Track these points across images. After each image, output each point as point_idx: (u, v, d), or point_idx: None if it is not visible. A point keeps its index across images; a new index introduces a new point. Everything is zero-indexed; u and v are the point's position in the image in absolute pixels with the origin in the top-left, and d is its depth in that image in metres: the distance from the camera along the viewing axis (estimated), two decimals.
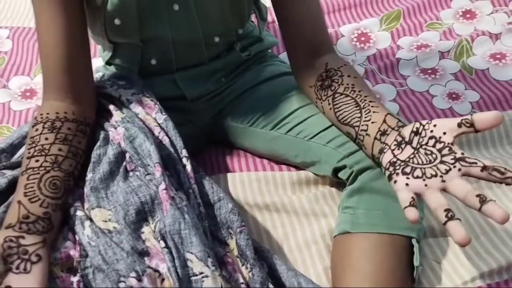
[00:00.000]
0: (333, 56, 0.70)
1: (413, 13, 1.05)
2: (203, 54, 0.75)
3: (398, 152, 0.53)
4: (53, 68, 0.64)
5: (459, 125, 0.50)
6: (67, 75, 0.64)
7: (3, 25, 1.10)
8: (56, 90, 0.64)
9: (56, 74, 0.64)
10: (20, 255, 0.50)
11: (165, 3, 0.65)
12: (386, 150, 0.55)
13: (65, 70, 0.64)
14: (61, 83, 0.64)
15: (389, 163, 0.53)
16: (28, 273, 0.50)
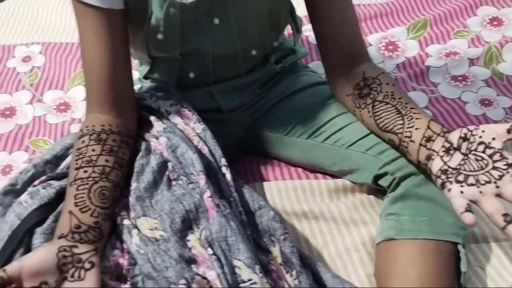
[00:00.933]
0: (370, 65, 0.71)
1: (440, 21, 1.06)
2: (239, 67, 0.76)
3: (447, 158, 0.53)
4: (97, 83, 0.65)
5: (508, 131, 0.50)
6: (111, 89, 0.66)
7: (35, 41, 1.13)
8: (100, 104, 0.66)
9: (100, 89, 0.66)
10: (74, 263, 0.51)
11: (206, 17, 0.67)
12: (434, 157, 0.55)
13: (109, 85, 0.65)
14: (105, 97, 0.66)
15: (440, 171, 0.53)
16: (83, 280, 0.51)
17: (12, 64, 1.07)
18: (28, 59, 1.08)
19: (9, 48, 1.11)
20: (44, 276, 0.49)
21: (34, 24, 1.18)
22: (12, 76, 1.03)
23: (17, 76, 1.03)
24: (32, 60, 1.07)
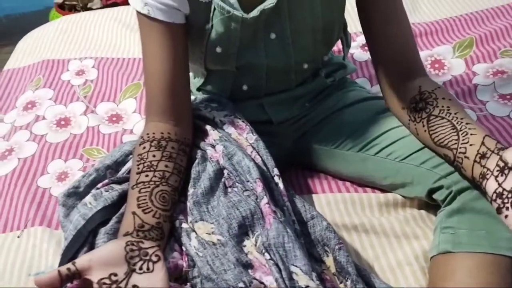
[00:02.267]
0: (426, 79, 0.71)
1: (486, 41, 1.06)
2: (291, 80, 0.78)
3: (502, 179, 0.53)
4: (159, 94, 0.68)
5: None
6: (171, 100, 0.68)
7: (88, 56, 1.17)
8: (160, 113, 0.68)
9: (161, 99, 0.68)
10: (141, 256, 0.53)
11: (263, 31, 0.69)
12: (488, 176, 0.55)
13: (169, 96, 0.68)
14: (165, 107, 0.68)
15: (496, 194, 0.53)
16: (152, 272, 0.52)
17: (67, 77, 1.11)
18: (82, 72, 1.12)
19: (63, 62, 1.16)
20: (113, 268, 0.51)
21: (87, 40, 1.23)
22: (66, 88, 1.08)
23: (72, 89, 1.08)
24: (86, 74, 1.12)
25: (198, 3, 0.66)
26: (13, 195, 0.82)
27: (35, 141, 0.94)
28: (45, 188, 0.84)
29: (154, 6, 0.65)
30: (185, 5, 0.66)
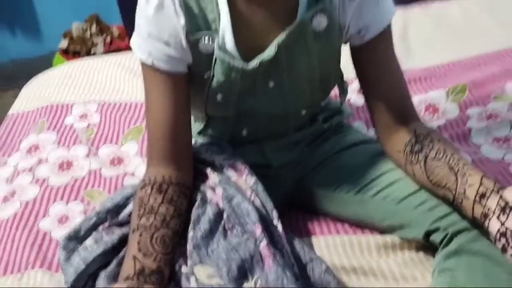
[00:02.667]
0: (420, 123, 0.74)
1: (479, 86, 1.09)
2: (290, 126, 0.80)
3: (504, 218, 0.55)
4: (160, 139, 0.71)
5: None
6: (173, 145, 0.71)
7: (91, 100, 1.21)
8: (161, 157, 0.70)
9: (162, 144, 0.71)
10: None
11: (262, 79, 0.72)
12: (491, 216, 0.56)
13: (171, 141, 0.70)
14: (166, 151, 0.71)
15: (499, 234, 0.55)
16: None
17: (70, 120, 1.14)
18: (85, 116, 1.15)
19: (67, 106, 1.19)
20: None
21: (91, 85, 1.27)
22: (70, 132, 1.10)
23: (75, 132, 1.10)
24: (89, 118, 1.14)
25: (201, 54, 0.69)
26: (14, 238, 0.83)
27: (37, 184, 0.96)
28: (46, 230, 0.84)
29: (158, 57, 0.68)
30: (188, 56, 0.69)
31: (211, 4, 0.67)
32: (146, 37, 0.68)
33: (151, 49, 0.68)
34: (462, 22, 1.32)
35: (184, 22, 0.66)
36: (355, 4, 0.69)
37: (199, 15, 0.67)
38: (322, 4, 0.68)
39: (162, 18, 0.66)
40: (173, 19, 0.66)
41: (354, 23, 0.71)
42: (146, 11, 0.67)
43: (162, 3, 0.66)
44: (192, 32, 0.67)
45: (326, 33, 0.70)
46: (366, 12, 0.70)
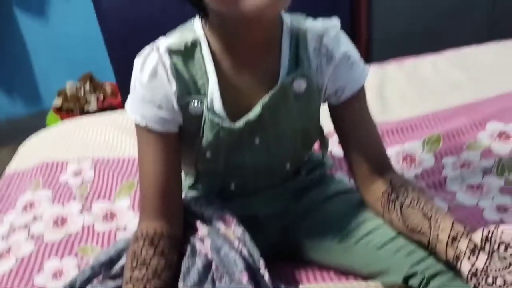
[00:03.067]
0: (396, 174, 0.80)
1: (452, 136, 1.16)
2: (275, 179, 0.85)
3: (473, 259, 0.60)
4: (152, 195, 0.75)
5: None
6: (164, 200, 0.75)
7: (85, 157, 1.25)
8: (153, 212, 0.75)
9: (154, 200, 0.75)
10: None
11: (248, 137, 0.77)
12: (462, 258, 0.61)
13: (162, 197, 0.75)
14: (157, 206, 0.75)
15: (471, 274, 0.60)
16: None
17: (65, 178, 1.18)
18: (79, 173, 1.19)
19: (62, 163, 1.24)
20: None
21: (85, 142, 1.32)
22: (64, 189, 1.14)
23: (69, 189, 1.14)
24: (83, 174, 1.19)
25: (191, 116, 0.74)
26: None
27: (32, 240, 0.99)
28: (41, 286, 0.87)
29: (151, 119, 0.73)
30: (179, 118, 0.74)
31: (200, 71, 0.73)
32: (140, 101, 0.74)
33: (144, 112, 0.73)
34: (434, 77, 1.41)
35: (175, 87, 0.72)
36: (331, 68, 0.76)
37: (189, 81, 0.73)
38: (302, 69, 0.74)
39: (155, 84, 0.72)
40: (166, 85, 0.72)
41: (331, 85, 0.78)
42: (141, 78, 0.72)
43: (156, 71, 0.72)
44: (183, 96, 0.73)
45: (305, 94, 0.76)
46: (341, 75, 0.77)
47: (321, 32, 0.75)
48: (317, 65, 0.76)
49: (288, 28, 0.75)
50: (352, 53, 0.77)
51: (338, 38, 0.76)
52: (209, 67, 0.73)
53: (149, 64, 0.72)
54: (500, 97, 1.27)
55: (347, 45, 0.78)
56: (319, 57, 0.76)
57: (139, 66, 0.73)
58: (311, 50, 0.75)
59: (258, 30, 0.69)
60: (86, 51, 2.76)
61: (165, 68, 0.71)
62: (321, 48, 0.75)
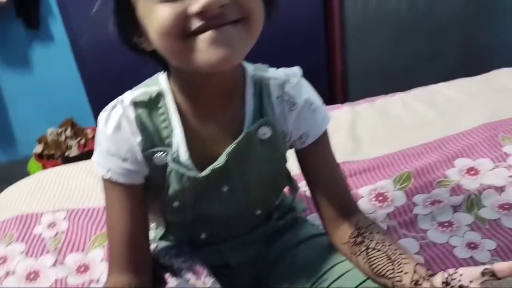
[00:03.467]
0: (362, 216, 0.81)
1: (422, 173, 1.18)
2: (245, 226, 0.85)
3: None
4: (119, 247, 0.75)
5: (482, 274, 0.58)
6: (131, 253, 0.75)
7: (60, 208, 1.25)
8: (121, 265, 0.75)
9: (121, 252, 0.75)
10: None
11: (216, 185, 0.77)
12: None
13: (129, 250, 0.75)
14: (125, 259, 0.75)
15: None
16: None
17: (39, 230, 1.17)
18: (54, 225, 1.19)
19: (36, 215, 1.23)
20: None
21: (60, 193, 1.32)
22: (38, 241, 1.13)
23: (43, 241, 1.13)
24: (57, 226, 1.18)
25: (156, 166, 0.75)
26: None
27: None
28: None
29: (116, 171, 0.74)
30: (144, 169, 0.75)
31: (165, 122, 0.75)
32: (105, 154, 0.74)
33: (110, 165, 0.74)
34: (404, 114, 1.45)
35: (140, 139, 0.73)
36: (294, 114, 0.78)
37: (154, 132, 0.74)
38: (266, 117, 0.76)
39: (119, 137, 0.73)
40: (130, 137, 0.73)
41: (295, 131, 0.80)
42: (105, 131, 0.73)
43: (120, 124, 0.73)
44: (148, 148, 0.74)
45: (270, 141, 0.78)
46: (305, 121, 0.79)
47: (283, 80, 0.78)
48: (281, 113, 0.78)
49: (251, 77, 0.77)
50: (313, 99, 0.80)
51: (300, 85, 0.79)
52: (174, 118, 0.74)
53: (114, 117, 0.73)
54: (467, 132, 1.31)
55: (308, 92, 0.80)
56: (282, 104, 0.78)
57: (104, 120, 0.74)
58: (274, 98, 0.78)
59: (219, 82, 0.71)
60: (67, 97, 2.78)
61: (129, 120, 0.73)
62: (283, 96, 0.78)
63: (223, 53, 0.59)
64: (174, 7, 0.58)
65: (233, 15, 0.60)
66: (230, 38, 0.60)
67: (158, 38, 0.61)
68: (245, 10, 0.60)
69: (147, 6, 0.60)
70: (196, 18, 0.58)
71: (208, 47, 0.59)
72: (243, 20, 0.61)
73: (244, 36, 0.61)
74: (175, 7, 0.58)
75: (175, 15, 0.58)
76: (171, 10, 0.58)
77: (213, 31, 0.59)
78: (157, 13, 0.59)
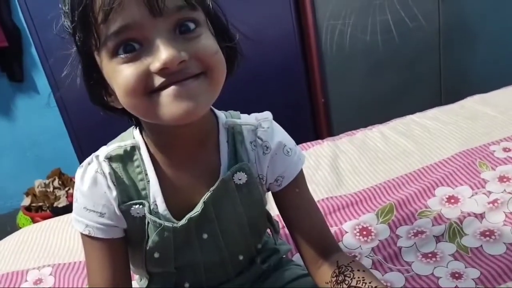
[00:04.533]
0: (342, 254, 0.82)
1: (404, 204, 1.19)
2: (229, 272, 0.85)
3: None
4: None
5: None
6: None
7: (46, 264, 1.24)
8: None
9: None
10: None
11: (195, 233, 0.78)
12: None
13: None
14: None
15: None
16: None
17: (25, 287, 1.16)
18: (39, 281, 1.17)
19: (22, 273, 1.21)
20: None
21: (45, 248, 1.31)
22: None
23: None
24: (43, 282, 1.17)
25: (134, 219, 0.76)
26: None
27: None
28: None
29: (94, 226, 0.74)
30: (122, 222, 0.76)
31: (140, 174, 0.76)
32: (82, 210, 0.75)
33: (87, 221, 0.75)
34: (383, 146, 1.47)
35: (116, 194, 0.74)
36: (268, 157, 0.80)
37: (130, 186, 0.75)
38: (241, 163, 0.78)
39: (95, 192, 0.74)
40: (106, 192, 0.74)
41: (270, 174, 0.81)
42: (81, 188, 0.74)
43: (95, 180, 0.74)
44: (124, 202, 0.75)
45: (247, 186, 0.79)
46: (279, 164, 0.81)
47: (255, 125, 0.80)
48: (255, 157, 0.79)
49: (223, 124, 0.79)
50: (286, 142, 0.82)
51: (272, 129, 0.81)
52: (149, 170, 0.75)
53: (89, 173, 0.74)
54: (445, 161, 1.33)
55: (281, 134, 0.82)
56: (256, 149, 0.80)
57: (80, 176, 0.75)
58: (248, 143, 0.79)
59: (190, 132, 0.73)
60: (53, 147, 2.79)
61: (104, 175, 0.74)
62: (257, 140, 0.79)
63: (186, 106, 0.61)
64: (136, 66, 0.61)
65: (193, 70, 0.62)
66: (192, 91, 0.61)
67: (123, 97, 0.63)
68: (205, 64, 0.63)
69: (111, 67, 0.63)
70: (158, 75, 0.60)
71: (171, 101, 0.61)
72: (204, 73, 0.63)
73: (206, 88, 0.63)
74: (137, 66, 0.61)
75: (138, 74, 0.61)
76: (133, 70, 0.61)
77: (175, 86, 0.61)
78: (120, 73, 0.61)
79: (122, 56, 0.61)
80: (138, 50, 0.61)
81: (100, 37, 0.61)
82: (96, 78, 0.67)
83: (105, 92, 0.70)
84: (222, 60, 0.66)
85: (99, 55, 0.64)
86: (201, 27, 0.64)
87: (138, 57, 0.61)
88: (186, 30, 0.62)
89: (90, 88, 0.70)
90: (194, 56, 0.62)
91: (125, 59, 0.61)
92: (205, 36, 0.64)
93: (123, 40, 0.60)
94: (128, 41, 0.61)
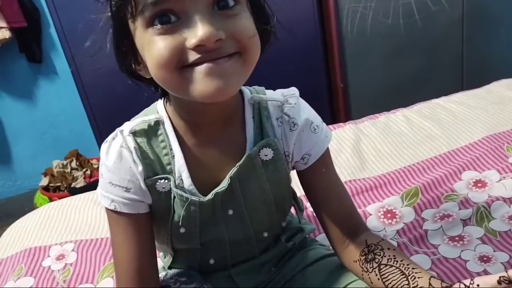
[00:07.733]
0: (370, 233, 0.80)
1: (430, 188, 1.17)
2: (254, 249, 0.85)
3: None
4: (127, 279, 0.74)
5: (499, 282, 0.57)
6: (138, 282, 0.74)
7: (68, 240, 1.25)
8: None
9: (128, 282, 0.74)
10: None
11: (221, 209, 0.78)
12: None
13: (136, 278, 0.74)
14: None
15: None
16: None
17: (47, 263, 1.17)
18: (62, 257, 1.18)
19: (45, 248, 1.22)
20: None
21: (67, 225, 1.32)
22: (47, 275, 1.13)
23: (52, 274, 1.12)
24: (66, 258, 1.18)
25: (159, 194, 0.75)
26: None
27: None
28: None
29: (119, 201, 0.74)
30: (147, 197, 0.75)
31: (165, 149, 0.75)
32: (108, 185, 0.74)
33: (113, 196, 0.74)
34: (407, 130, 1.45)
35: (141, 168, 0.73)
36: (295, 134, 0.79)
37: (154, 160, 0.74)
38: (267, 138, 0.77)
39: (121, 167, 0.73)
40: (132, 167, 0.73)
41: (296, 151, 0.80)
42: (107, 162, 0.74)
43: (121, 154, 0.73)
44: (150, 177, 0.74)
45: (273, 162, 0.78)
46: (306, 141, 0.79)
47: (281, 101, 0.78)
48: (282, 134, 0.78)
49: (248, 100, 0.77)
50: (313, 119, 0.80)
51: (298, 105, 0.79)
52: (173, 145, 0.74)
53: (114, 148, 0.74)
54: (471, 145, 1.30)
55: (308, 111, 0.80)
56: (283, 125, 0.78)
57: (105, 151, 0.74)
58: (274, 120, 0.78)
59: (217, 110, 0.72)
60: (71, 128, 2.81)
61: (129, 150, 0.73)
62: (283, 117, 0.78)
63: (218, 84, 0.60)
64: (172, 39, 0.59)
65: (229, 49, 0.61)
66: (225, 71, 0.60)
67: (155, 69, 0.62)
68: (241, 44, 0.61)
69: (146, 37, 0.61)
70: (193, 51, 0.59)
71: (203, 79, 0.60)
72: (239, 53, 0.62)
73: (239, 68, 0.62)
74: (173, 40, 0.59)
75: (173, 48, 0.59)
76: (168, 43, 0.59)
77: (209, 64, 0.59)
78: (155, 45, 0.60)
79: (158, 27, 0.60)
80: (174, 23, 0.60)
81: (138, 5, 0.60)
82: (127, 45, 0.66)
83: (134, 60, 0.68)
84: (258, 43, 0.64)
85: (134, 22, 0.62)
86: (240, 5, 0.62)
87: (174, 30, 0.59)
88: (225, 6, 0.61)
89: (120, 55, 0.69)
90: (231, 36, 0.60)
91: (161, 30, 0.60)
92: (244, 15, 0.62)
93: (161, 10, 0.59)
94: (165, 12, 0.59)
